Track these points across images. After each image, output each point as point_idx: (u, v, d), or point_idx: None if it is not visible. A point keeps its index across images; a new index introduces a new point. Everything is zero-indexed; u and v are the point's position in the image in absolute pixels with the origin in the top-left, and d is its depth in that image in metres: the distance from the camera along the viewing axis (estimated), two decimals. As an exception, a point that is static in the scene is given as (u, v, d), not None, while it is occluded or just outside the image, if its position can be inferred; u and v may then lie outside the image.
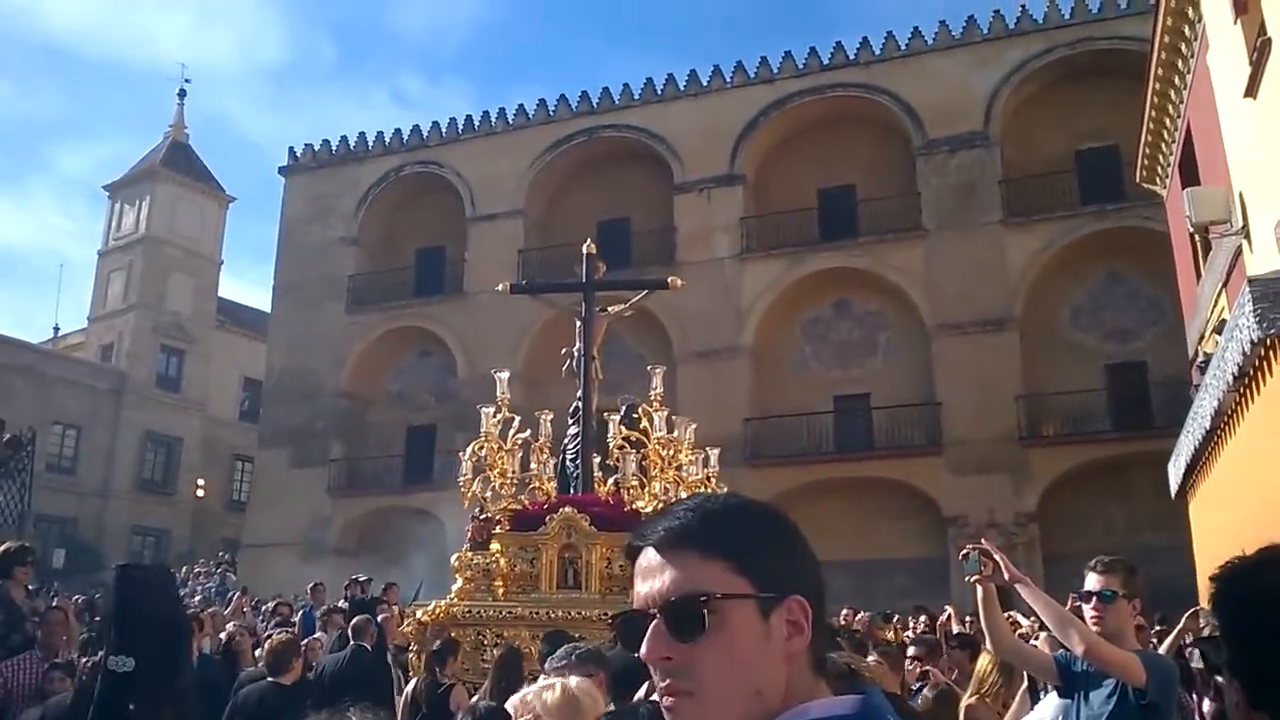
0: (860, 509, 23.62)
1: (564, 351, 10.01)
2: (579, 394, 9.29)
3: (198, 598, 23.20)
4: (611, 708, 4.33)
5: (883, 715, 1.17)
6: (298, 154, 32.99)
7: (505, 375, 8.94)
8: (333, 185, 31.92)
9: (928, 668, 6.56)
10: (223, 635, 9.81)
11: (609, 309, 9.98)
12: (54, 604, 9.02)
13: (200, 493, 38.77)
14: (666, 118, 28.14)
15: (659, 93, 28.56)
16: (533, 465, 8.35)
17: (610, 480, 8.55)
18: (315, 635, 9.49)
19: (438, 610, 7.71)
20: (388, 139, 31.79)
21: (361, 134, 32.28)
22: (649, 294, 11.55)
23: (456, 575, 8.11)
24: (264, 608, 14.72)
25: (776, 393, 25.57)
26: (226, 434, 40.48)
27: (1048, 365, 23.44)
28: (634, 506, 8.12)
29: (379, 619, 9.63)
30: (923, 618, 13.57)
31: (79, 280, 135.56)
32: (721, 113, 27.35)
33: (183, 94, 43.74)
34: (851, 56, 26.68)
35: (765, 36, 76.98)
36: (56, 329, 42.99)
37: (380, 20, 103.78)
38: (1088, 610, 3.58)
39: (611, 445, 8.65)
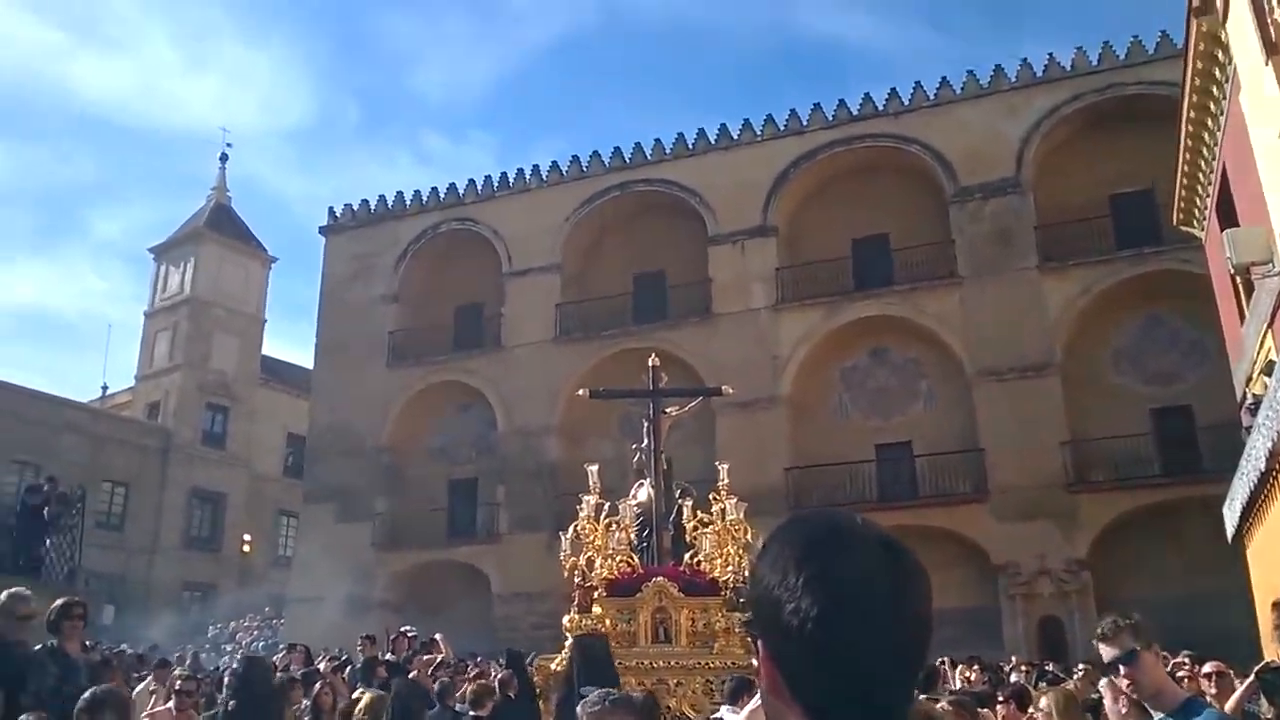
0: (906, 559, 23.37)
1: (633, 447, 11.82)
2: (647, 481, 10.81)
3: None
4: None
5: None
6: (337, 214, 33.64)
7: (595, 468, 10.44)
8: (372, 244, 32.48)
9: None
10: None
11: (669, 410, 11.57)
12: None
13: (246, 548, 39.15)
14: (698, 171, 28.47)
15: (690, 147, 28.92)
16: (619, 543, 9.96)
17: (688, 555, 10.07)
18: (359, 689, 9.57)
19: (560, 663, 8.99)
20: (425, 197, 32.35)
21: (399, 193, 32.90)
22: (704, 400, 13.97)
23: (569, 634, 9.43)
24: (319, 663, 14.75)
25: (817, 442, 25.52)
26: (271, 489, 40.95)
27: (1092, 410, 23.25)
28: (713, 576, 9.53)
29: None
30: (975, 666, 13.50)
31: (122, 341, 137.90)
32: (752, 165, 27.65)
33: (224, 157, 44.95)
34: (880, 107, 26.97)
35: (782, 89, 77.59)
36: (105, 388, 43.86)
37: (401, 80, 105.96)
38: (1120, 683, 3.41)
39: (688, 526, 10.27)
